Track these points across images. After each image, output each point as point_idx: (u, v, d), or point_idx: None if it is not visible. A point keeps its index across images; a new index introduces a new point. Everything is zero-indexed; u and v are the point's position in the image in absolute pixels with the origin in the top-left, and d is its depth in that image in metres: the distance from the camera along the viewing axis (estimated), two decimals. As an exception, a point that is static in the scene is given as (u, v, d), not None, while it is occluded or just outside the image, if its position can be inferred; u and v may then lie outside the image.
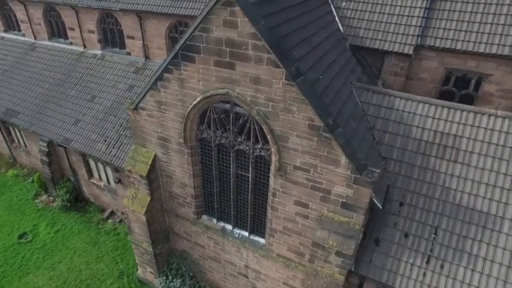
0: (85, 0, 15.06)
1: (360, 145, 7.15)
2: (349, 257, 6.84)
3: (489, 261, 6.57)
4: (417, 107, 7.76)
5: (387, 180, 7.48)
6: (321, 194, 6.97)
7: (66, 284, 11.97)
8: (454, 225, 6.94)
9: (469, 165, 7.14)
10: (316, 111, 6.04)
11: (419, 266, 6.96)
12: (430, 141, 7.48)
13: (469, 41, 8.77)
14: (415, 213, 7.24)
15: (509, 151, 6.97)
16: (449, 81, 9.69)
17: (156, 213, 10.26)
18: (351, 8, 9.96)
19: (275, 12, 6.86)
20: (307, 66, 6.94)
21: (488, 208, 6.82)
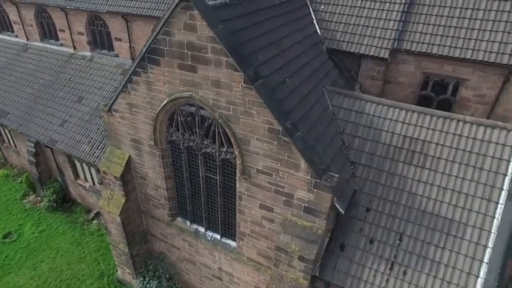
0: (74, 2, 15.42)
1: (325, 149, 7.24)
2: (311, 262, 6.90)
3: (451, 268, 6.58)
4: (387, 111, 7.81)
5: (354, 185, 7.53)
6: (284, 198, 7.06)
7: (47, 284, 12.17)
8: (419, 232, 6.96)
9: (436, 171, 7.16)
10: (274, 115, 6.15)
11: (382, 272, 6.98)
12: (399, 147, 7.53)
13: (444, 46, 8.81)
14: (381, 219, 7.27)
15: (475, 157, 6.98)
16: (427, 86, 9.73)
17: (132, 215, 10.42)
18: (329, 11, 10.07)
19: (240, 16, 7.00)
20: (272, 70, 7.07)
21: (453, 214, 6.83)
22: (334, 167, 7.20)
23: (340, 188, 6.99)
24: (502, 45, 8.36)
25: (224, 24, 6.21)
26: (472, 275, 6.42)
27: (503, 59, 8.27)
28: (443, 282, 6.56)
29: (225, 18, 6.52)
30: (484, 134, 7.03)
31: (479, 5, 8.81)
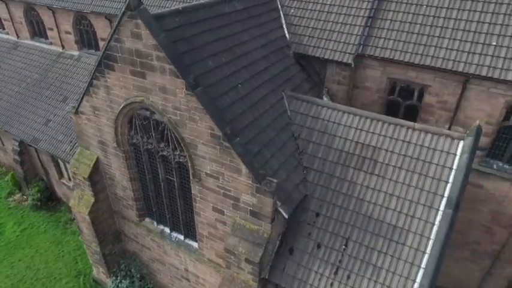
0: (60, 1, 16.27)
1: (274, 154, 7.75)
2: (257, 264, 7.40)
3: (391, 273, 6.98)
4: (342, 117, 8.25)
5: (305, 190, 8.00)
6: (232, 202, 7.59)
7: (22, 283, 13.00)
8: (364, 237, 7.38)
9: (384, 177, 7.57)
10: (214, 121, 6.69)
11: (327, 276, 7.43)
12: (351, 152, 7.96)
13: (406, 52, 9.18)
14: (329, 224, 7.72)
15: (422, 164, 7.35)
16: (394, 91, 10.09)
17: (102, 215, 11.11)
18: (298, 15, 10.54)
19: (192, 23, 7.58)
20: (222, 76, 7.63)
21: (397, 221, 7.23)
22: (283, 172, 7.71)
23: (286, 192, 7.49)
24: (459, 53, 8.69)
25: (169, 33, 6.80)
26: (409, 279, 6.81)
27: (459, 67, 8.60)
28: (383, 287, 6.97)
29: (173, 26, 7.11)
30: (431, 141, 7.40)
31: (439, 13, 9.15)
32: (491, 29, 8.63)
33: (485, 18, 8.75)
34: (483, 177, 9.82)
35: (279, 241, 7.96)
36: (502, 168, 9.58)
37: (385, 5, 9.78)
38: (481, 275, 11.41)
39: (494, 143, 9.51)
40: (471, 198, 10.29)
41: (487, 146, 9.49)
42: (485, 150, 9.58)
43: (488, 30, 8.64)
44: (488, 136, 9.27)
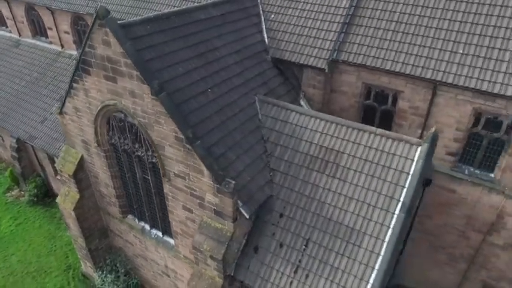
0: (57, 2, 17.06)
1: (240, 156, 8.23)
2: (220, 261, 7.91)
3: (346, 274, 7.38)
4: (309, 121, 8.67)
5: (270, 191, 8.46)
6: (198, 201, 8.11)
7: (13, 276, 13.82)
8: (323, 238, 7.79)
9: (345, 181, 7.95)
10: (177, 125, 7.21)
11: (288, 275, 7.88)
12: (315, 156, 8.37)
13: (378, 58, 9.51)
14: (291, 225, 8.16)
15: (381, 169, 7.71)
16: (370, 96, 10.42)
17: (88, 211, 11.79)
18: (278, 20, 10.97)
19: (163, 30, 8.13)
20: (191, 81, 8.13)
21: (354, 223, 7.61)
22: (247, 173, 8.18)
23: (248, 193, 7.96)
24: (428, 60, 8.97)
25: (137, 40, 7.35)
26: (363, 280, 7.19)
27: (427, 74, 8.88)
28: (338, 286, 7.37)
29: (143, 33, 7.65)
30: (391, 146, 7.75)
31: (411, 20, 9.45)
32: (458, 37, 8.89)
33: (454, 26, 9.01)
34: (455, 182, 10.08)
35: (245, 240, 8.46)
36: (473, 173, 9.82)
37: (360, 11, 10.12)
38: (458, 279, 11.65)
39: (465, 149, 9.76)
40: (445, 202, 10.57)
41: (458, 152, 9.76)
42: (457, 155, 9.84)
43: (456, 39, 8.90)
44: (459, 142, 9.53)
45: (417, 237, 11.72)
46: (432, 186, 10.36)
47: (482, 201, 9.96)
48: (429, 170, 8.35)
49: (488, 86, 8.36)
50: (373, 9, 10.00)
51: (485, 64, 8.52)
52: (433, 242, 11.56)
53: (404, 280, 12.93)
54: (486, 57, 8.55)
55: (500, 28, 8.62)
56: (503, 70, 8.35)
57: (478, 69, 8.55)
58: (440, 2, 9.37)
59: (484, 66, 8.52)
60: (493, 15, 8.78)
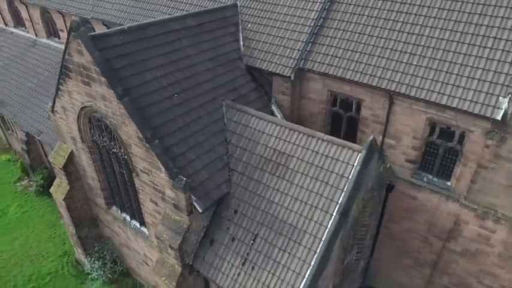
0: (67, 6, 18.70)
1: (200, 156, 9.19)
2: (177, 250, 8.89)
3: (286, 268, 8.14)
4: (266, 126, 9.49)
5: (226, 189, 9.35)
6: (160, 195, 9.13)
7: (14, 258, 15.47)
8: (269, 235, 8.59)
9: (292, 182, 8.72)
10: (137, 126, 8.25)
11: (236, 266, 8.75)
12: (269, 158, 9.18)
13: (339, 67, 10.16)
14: (243, 221, 9.01)
15: (324, 173, 8.41)
16: (336, 103, 11.07)
17: (78, 201, 13.15)
18: (254, 29, 11.83)
19: (135, 40, 9.19)
20: (158, 87, 9.16)
21: (297, 222, 8.36)
22: (205, 172, 9.13)
23: (204, 190, 8.89)
24: (384, 71, 9.53)
25: (108, 50, 8.46)
26: (300, 275, 7.94)
27: (383, 84, 9.43)
28: (278, 279, 8.16)
29: (115, 43, 8.75)
30: (335, 152, 8.43)
31: (373, 32, 10.02)
32: (414, 49, 9.39)
33: (411, 39, 9.52)
34: (416, 189, 10.55)
35: (203, 233, 9.41)
36: (432, 181, 10.26)
37: (328, 22, 10.80)
38: (423, 283, 12.04)
39: (424, 157, 10.22)
40: (407, 208, 11.05)
41: (417, 159, 10.23)
42: (416, 163, 10.31)
43: (412, 51, 9.41)
44: (416, 150, 10.01)
45: (385, 241, 12.25)
46: (395, 192, 10.95)
47: (441, 209, 10.38)
48: (372, 176, 8.92)
49: (437, 97, 8.84)
50: (339, 20, 10.65)
51: (436, 76, 9.00)
52: (399, 247, 12.02)
53: (375, 282, 13.45)
54: (437, 70, 9.02)
55: (452, 42, 9.06)
56: (451, 82, 8.81)
57: (429, 80, 9.04)
58: (400, 16, 9.89)
59: (434, 78, 9.00)
60: (446, 29, 9.23)
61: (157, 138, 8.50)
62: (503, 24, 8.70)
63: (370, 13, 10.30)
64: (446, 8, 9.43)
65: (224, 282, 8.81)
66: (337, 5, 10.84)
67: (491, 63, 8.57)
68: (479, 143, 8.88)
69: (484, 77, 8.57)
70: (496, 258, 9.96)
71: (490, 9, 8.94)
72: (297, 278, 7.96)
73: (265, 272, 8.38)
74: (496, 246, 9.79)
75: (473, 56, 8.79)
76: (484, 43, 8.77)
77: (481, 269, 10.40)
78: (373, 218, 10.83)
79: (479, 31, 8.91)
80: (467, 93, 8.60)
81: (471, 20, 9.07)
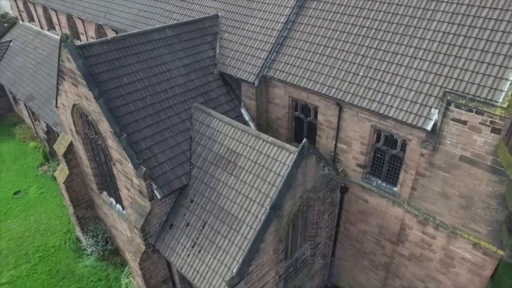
0: (84, 13, 21.20)
1: (164, 150, 10.76)
2: (140, 230, 10.52)
3: (225, 253, 9.45)
4: (223, 126, 10.84)
5: (186, 181, 10.83)
6: (130, 182, 10.81)
7: (27, 231, 18.06)
8: (215, 223, 9.95)
9: (238, 178, 10.00)
10: (108, 123, 9.96)
11: (187, 248, 10.20)
12: (222, 156, 10.53)
13: (296, 75, 11.28)
14: (196, 209, 10.44)
15: (265, 171, 9.60)
16: (297, 108, 12.16)
17: (76, 185, 15.30)
18: (229, 39, 13.22)
19: (116, 49, 10.92)
20: (133, 89, 10.83)
21: (238, 213, 9.63)
22: (167, 165, 10.68)
23: (165, 180, 10.43)
24: (334, 80, 10.52)
25: (91, 58, 10.26)
26: (235, 260, 9.21)
27: (331, 92, 10.45)
28: (218, 262, 9.50)
29: (98, 52, 10.55)
30: (275, 153, 9.59)
31: (329, 43, 11.02)
32: (362, 61, 10.29)
33: (361, 51, 10.42)
34: (367, 192, 11.38)
35: (165, 218, 10.98)
36: (380, 186, 11.06)
37: (292, 33, 11.93)
38: (380, 285, 12.76)
39: (373, 162, 11.04)
40: (362, 210, 11.90)
41: (366, 164, 11.08)
42: (367, 167, 11.15)
43: (360, 62, 10.31)
44: (364, 155, 10.87)
45: (345, 242, 13.13)
46: (350, 194, 11.87)
47: (389, 213, 11.14)
48: (312, 177, 9.89)
49: (377, 106, 9.70)
50: (302, 32, 11.74)
51: (378, 86, 9.85)
52: (358, 248, 12.85)
53: (340, 282, 14.32)
54: (380, 80, 9.87)
55: (397, 54, 9.87)
56: (391, 93, 9.62)
57: (372, 90, 9.91)
58: (354, 28, 10.81)
59: (377, 88, 9.86)
60: (393, 42, 10.03)
61: (126, 133, 10.19)
62: (444, 38, 9.37)
63: (328, 25, 11.31)
64: (395, 22, 10.22)
65: (177, 262, 10.32)
66: (301, 18, 11.95)
67: (429, 76, 9.31)
68: (417, 151, 9.63)
69: (420, 88, 9.33)
70: (438, 264, 10.57)
71: (433, 24, 9.64)
72: (233, 262, 9.26)
73: (209, 255, 9.76)
74: (437, 252, 10.42)
75: (413, 69, 9.57)
76: (424, 56, 9.51)
77: (427, 273, 11.02)
78: (325, 217, 11.82)
79: (421, 45, 9.64)
80: (404, 104, 9.41)
81: (415, 34, 9.81)
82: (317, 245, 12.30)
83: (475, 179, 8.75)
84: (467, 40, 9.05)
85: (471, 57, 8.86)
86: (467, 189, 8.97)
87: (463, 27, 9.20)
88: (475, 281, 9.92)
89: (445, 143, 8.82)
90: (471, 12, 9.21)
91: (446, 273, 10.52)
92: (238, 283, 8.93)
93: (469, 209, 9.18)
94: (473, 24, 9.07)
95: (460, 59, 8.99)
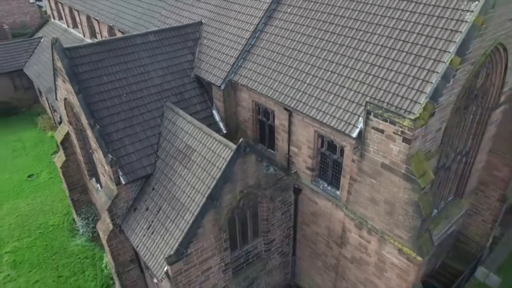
0: (99, 14, 24.02)
1: (134, 143, 12.73)
2: (107, 211, 12.52)
3: (171, 236, 11.14)
4: (185, 124, 12.58)
5: (150, 171, 12.69)
6: (103, 168, 12.86)
7: (33, 210, 21.02)
8: (167, 209, 11.69)
9: (189, 170, 11.67)
10: (85, 115, 12.07)
11: (144, 229, 12.04)
12: (180, 150, 12.27)
13: (255, 81, 12.77)
14: (155, 196, 12.24)
15: (211, 165, 11.17)
16: (260, 112, 13.61)
17: (72, 171, 17.82)
18: (207, 45, 14.99)
19: (102, 51, 13.07)
20: (112, 87, 12.91)
21: (186, 202, 11.28)
22: (134, 155, 12.63)
23: (130, 168, 12.36)
24: (284, 86, 11.89)
25: (77, 58, 12.47)
26: (177, 241, 10.85)
27: (280, 98, 11.83)
28: (165, 243, 11.22)
29: (84, 54, 12.76)
30: (220, 150, 11.14)
31: (286, 52, 12.42)
32: (310, 70, 11.58)
33: (310, 60, 11.74)
34: (315, 195, 12.57)
35: (131, 202, 12.91)
36: (326, 189, 12.20)
37: (258, 42, 13.44)
38: (332, 286, 13.78)
39: (321, 166, 12.21)
40: (313, 212, 13.08)
41: (314, 167, 12.27)
42: (315, 170, 12.35)
43: (309, 71, 11.60)
44: (311, 158, 12.09)
45: (303, 242, 14.33)
46: (303, 195, 13.13)
47: (334, 215, 12.25)
48: (252, 174, 11.26)
49: (315, 113, 10.95)
50: (266, 41, 13.23)
51: (319, 94, 11.10)
52: (313, 249, 13.99)
53: (301, 281, 15.49)
54: (321, 88, 11.13)
55: (338, 65, 11.07)
56: (328, 101, 10.83)
57: (314, 98, 11.17)
58: (309, 38, 12.11)
59: (318, 96, 11.11)
60: (337, 53, 11.25)
61: (100, 125, 12.27)
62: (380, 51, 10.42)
63: (286, 35, 12.72)
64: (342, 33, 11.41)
65: (135, 241, 12.20)
66: (268, 27, 13.45)
67: (362, 86, 10.43)
68: (350, 157, 10.74)
69: (353, 98, 10.48)
70: (374, 268, 11.52)
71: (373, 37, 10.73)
72: (175, 243, 10.92)
73: (159, 236, 11.52)
74: (372, 256, 11.39)
75: (350, 79, 10.74)
76: (361, 67, 10.64)
77: (366, 277, 11.98)
78: (277, 215, 13.14)
79: (360, 56, 10.77)
80: (337, 112, 10.60)
81: (356, 46, 10.95)
82: (271, 241, 13.64)
83: (394, 186, 9.74)
84: (399, 54, 10.09)
85: (400, 70, 9.89)
86: (390, 195, 9.97)
87: (398, 42, 10.24)
88: (403, 286, 10.78)
89: (370, 150, 9.89)
90: (407, 27, 10.20)
91: (380, 277, 11.45)
92: (176, 262, 10.60)
93: (392, 215, 10.15)
94: (407, 39, 10.08)
95: (390, 71, 10.05)
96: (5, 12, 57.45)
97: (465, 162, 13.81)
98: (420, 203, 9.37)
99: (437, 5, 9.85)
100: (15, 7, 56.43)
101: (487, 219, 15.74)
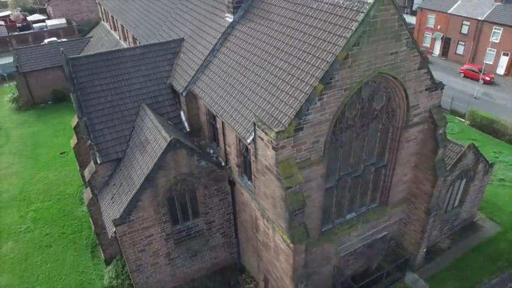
0: (125, 23, 29.76)
1: (111, 133, 17.62)
2: (88, 182, 17.54)
3: (122, 205, 15.69)
4: (148, 121, 17.06)
5: (121, 155, 17.43)
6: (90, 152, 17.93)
7: (58, 180, 27.63)
8: (125, 185, 16.30)
9: (143, 157, 16.14)
10: (77, 109, 17.19)
11: (108, 200, 16.81)
12: (142, 141, 16.84)
13: (204, 91, 16.77)
14: (121, 175, 17.00)
15: (154, 154, 15.50)
16: (210, 116, 17.61)
17: (82, 151, 23.49)
18: (182, 58, 19.34)
19: (95, 61, 18.23)
20: (100, 89, 17.92)
21: (135, 181, 15.76)
22: (111, 143, 17.47)
23: (106, 151, 17.22)
24: (218, 96, 15.69)
25: (78, 66, 17.68)
26: (127, 210, 15.38)
27: (213, 106, 15.62)
28: (118, 212, 15.81)
29: (83, 62, 17.98)
30: (163, 144, 15.37)
31: (227, 69, 16.19)
32: (236, 85, 15.23)
33: (239, 78, 15.38)
34: (242, 187, 16.21)
35: (107, 178, 17.82)
36: (247, 183, 15.79)
37: (215, 60, 17.40)
38: (257, 266, 17.29)
39: (245, 164, 15.82)
40: (242, 201, 16.74)
41: (240, 164, 15.93)
42: (241, 167, 16.00)
43: (235, 85, 15.27)
44: (237, 157, 15.77)
45: (242, 227, 18.06)
46: (236, 187, 16.94)
47: (251, 205, 15.80)
48: (185, 165, 15.33)
49: (231, 121, 14.63)
50: (219, 59, 17.13)
51: (236, 105, 14.76)
52: (246, 234, 17.62)
53: (244, 261, 19.23)
54: (239, 101, 14.77)
55: (254, 83, 14.59)
56: (241, 112, 14.44)
57: (233, 109, 14.86)
58: (243, 60, 15.78)
59: (235, 107, 14.79)
60: (256, 74, 14.76)
61: (88, 118, 17.29)
62: (280, 74, 13.79)
63: (232, 56, 16.52)
64: (257, 64, 14.92)
65: (103, 208, 17.06)
66: (224, 49, 17.35)
67: (265, 104, 13.88)
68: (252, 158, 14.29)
69: (256, 112, 13.97)
70: (273, 252, 14.89)
71: (280, 63, 14.10)
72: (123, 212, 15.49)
73: (115, 206, 16.21)
74: (271, 241, 14.78)
75: (258, 96, 14.25)
76: (268, 87, 14.07)
77: (270, 259, 15.38)
78: (215, 200, 17.05)
79: (268, 78, 14.19)
80: (244, 121, 14.20)
81: (267, 69, 14.41)
82: (211, 222, 17.61)
83: (273, 184, 13.13)
84: (289, 77, 13.40)
85: (286, 90, 13.21)
86: (272, 191, 13.38)
87: (289, 66, 13.60)
88: (289, 268, 14.04)
89: (259, 154, 13.39)
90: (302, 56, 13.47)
91: (278, 260, 14.82)
92: (120, 224, 15.16)
93: (276, 207, 13.53)
94: (296, 65, 13.39)
95: (281, 91, 13.43)
96: (75, 11, 68.91)
97: (384, 174, 16.41)
98: (288, 200, 12.65)
99: (319, 38, 13.04)
100: (84, 6, 67.76)
101: (417, 229, 17.91)
